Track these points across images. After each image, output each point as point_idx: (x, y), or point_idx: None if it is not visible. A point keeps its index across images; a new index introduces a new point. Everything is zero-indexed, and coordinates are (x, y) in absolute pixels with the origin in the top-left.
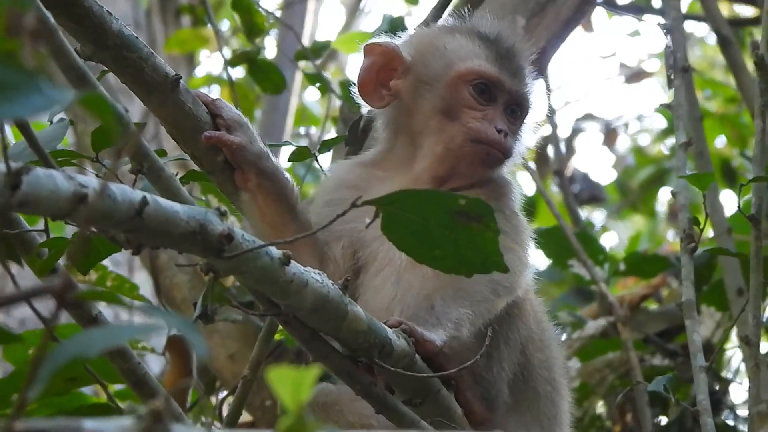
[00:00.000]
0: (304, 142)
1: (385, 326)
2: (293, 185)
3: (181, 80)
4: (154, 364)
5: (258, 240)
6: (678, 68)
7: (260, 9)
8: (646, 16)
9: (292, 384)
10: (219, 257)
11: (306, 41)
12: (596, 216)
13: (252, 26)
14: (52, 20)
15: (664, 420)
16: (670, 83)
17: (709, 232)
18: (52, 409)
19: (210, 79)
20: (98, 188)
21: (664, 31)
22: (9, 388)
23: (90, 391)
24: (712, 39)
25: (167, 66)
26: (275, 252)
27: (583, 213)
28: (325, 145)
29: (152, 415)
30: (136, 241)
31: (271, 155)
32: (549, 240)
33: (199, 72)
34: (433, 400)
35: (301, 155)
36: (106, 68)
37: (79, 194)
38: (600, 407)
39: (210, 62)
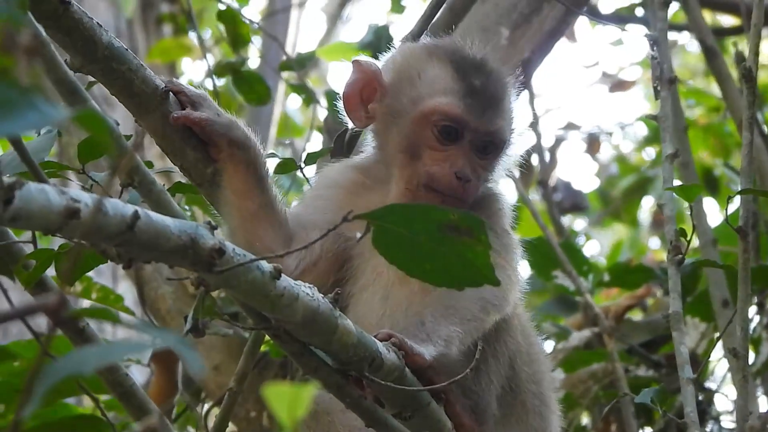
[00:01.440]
0: (287, 152)
1: (375, 340)
2: (263, 157)
3: (171, 92)
4: (139, 374)
5: (249, 254)
6: (664, 80)
7: (245, 20)
8: (629, 26)
9: (289, 401)
10: (210, 271)
11: (289, 50)
12: (578, 224)
13: (237, 37)
14: (44, 34)
15: (649, 431)
16: (656, 95)
17: (695, 242)
18: (38, 420)
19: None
20: (91, 203)
21: (650, 42)
22: None
23: (74, 401)
24: (693, 47)
25: (157, 78)
26: (266, 266)
27: (565, 221)
28: (311, 158)
29: None
30: (127, 255)
31: (240, 124)
32: (533, 251)
33: (182, 81)
34: (422, 414)
35: (287, 167)
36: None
37: (71, 209)
38: (585, 418)
39: (192, 71)
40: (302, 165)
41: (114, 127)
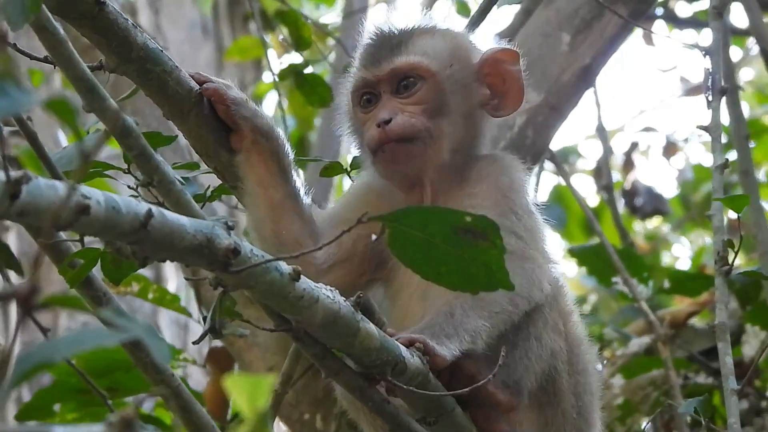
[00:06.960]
0: None
1: (399, 344)
2: (288, 148)
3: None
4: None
5: (267, 255)
6: (716, 90)
7: (307, 21)
8: (706, 30)
9: (249, 391)
10: (226, 271)
11: None
12: (664, 229)
13: (299, 39)
14: (62, 32)
15: None
16: (708, 105)
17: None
18: (94, 419)
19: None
20: (103, 200)
21: (703, 53)
22: (49, 398)
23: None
24: None
25: (191, 80)
26: (285, 267)
27: (651, 225)
28: (356, 163)
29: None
30: (141, 253)
31: (264, 114)
32: (593, 257)
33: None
34: (447, 419)
35: (333, 170)
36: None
37: (81, 205)
38: (645, 425)
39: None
40: (349, 170)
41: (131, 123)
